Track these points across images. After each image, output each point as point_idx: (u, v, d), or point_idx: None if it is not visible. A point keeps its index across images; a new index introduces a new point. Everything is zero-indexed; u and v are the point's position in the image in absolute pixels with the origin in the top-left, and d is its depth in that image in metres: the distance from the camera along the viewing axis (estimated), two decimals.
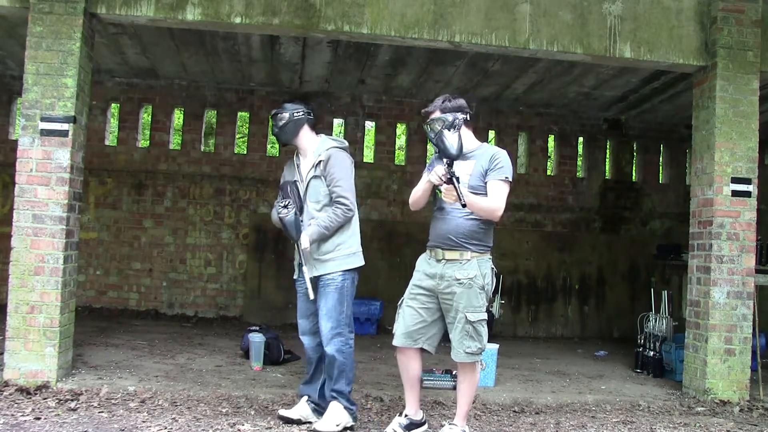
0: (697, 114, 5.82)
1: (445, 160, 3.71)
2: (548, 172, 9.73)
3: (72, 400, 4.38)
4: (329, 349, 4.03)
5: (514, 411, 4.87)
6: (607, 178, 9.78)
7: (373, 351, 6.97)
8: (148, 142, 9.14)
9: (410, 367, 3.98)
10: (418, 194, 3.96)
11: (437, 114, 3.90)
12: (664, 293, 6.75)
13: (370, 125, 10.02)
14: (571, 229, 9.46)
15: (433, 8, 5.33)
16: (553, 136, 9.63)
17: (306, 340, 4.25)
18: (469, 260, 3.81)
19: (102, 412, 4.18)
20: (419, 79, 8.20)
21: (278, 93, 8.89)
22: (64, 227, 4.82)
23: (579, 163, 9.72)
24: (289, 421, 4.13)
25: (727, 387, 5.38)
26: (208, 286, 8.90)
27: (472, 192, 3.76)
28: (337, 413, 4.00)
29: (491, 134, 9.80)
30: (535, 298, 9.31)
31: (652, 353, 6.50)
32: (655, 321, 6.68)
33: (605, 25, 5.52)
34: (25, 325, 4.74)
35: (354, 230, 4.20)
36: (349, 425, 4.02)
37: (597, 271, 9.47)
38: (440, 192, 3.78)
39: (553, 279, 9.36)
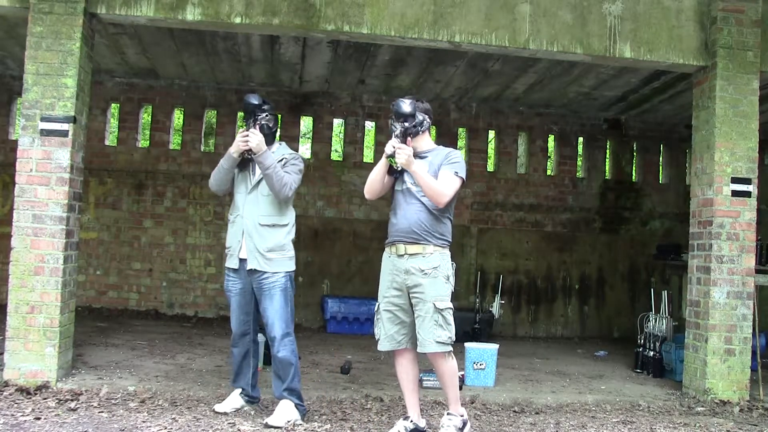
0: (697, 114, 5.82)
1: (397, 125, 3.85)
2: (548, 172, 9.72)
3: (72, 400, 4.38)
4: (283, 351, 4.11)
5: (514, 411, 4.87)
6: (607, 178, 9.77)
7: (373, 351, 6.94)
8: (148, 142, 9.14)
9: (409, 370, 4.00)
10: (372, 177, 4.04)
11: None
12: (664, 293, 6.75)
13: (370, 125, 10.02)
14: (571, 229, 9.46)
15: (433, 8, 5.33)
16: (553, 136, 9.63)
17: (237, 338, 4.31)
18: (431, 253, 3.85)
19: (102, 412, 4.18)
20: (419, 79, 8.19)
21: (278, 93, 8.89)
22: (64, 227, 4.82)
23: (579, 163, 9.72)
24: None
25: (727, 387, 5.38)
26: (208, 286, 8.89)
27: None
28: (287, 410, 4.10)
29: (491, 134, 9.81)
30: (535, 298, 9.31)
31: (652, 353, 6.51)
32: (655, 321, 6.68)
33: (605, 25, 5.52)
34: (25, 325, 4.74)
35: (293, 235, 4.30)
36: (298, 422, 4.10)
37: (597, 271, 9.48)
38: (393, 161, 3.83)
39: (553, 279, 9.37)
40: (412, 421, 3.98)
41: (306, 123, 11.55)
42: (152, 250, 8.83)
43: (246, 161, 4.23)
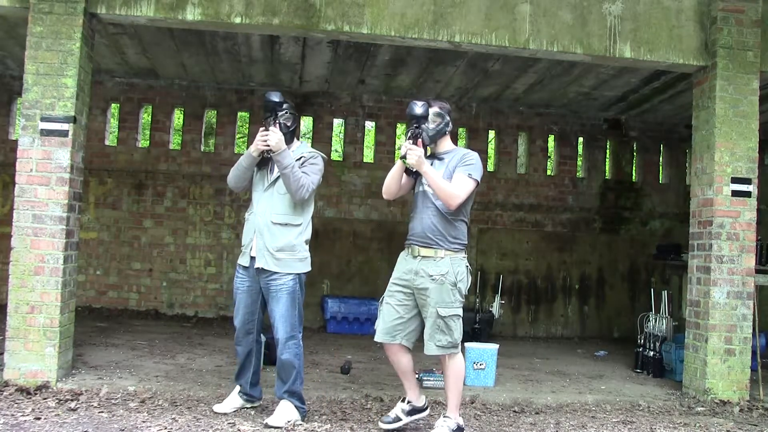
0: (697, 114, 5.82)
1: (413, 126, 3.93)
2: (548, 172, 9.73)
3: (72, 400, 4.38)
4: (286, 354, 4.12)
5: (514, 411, 4.87)
6: (607, 178, 9.77)
7: (373, 351, 6.97)
8: (148, 142, 9.14)
9: (399, 361, 4.09)
10: (388, 177, 4.11)
11: (437, 109, 4.07)
12: (664, 293, 6.75)
13: (370, 125, 10.02)
14: (571, 229, 9.46)
15: (433, 8, 5.33)
16: (553, 136, 9.63)
17: (240, 337, 4.31)
18: (442, 258, 3.92)
19: (102, 412, 4.18)
20: (419, 79, 8.19)
21: None
22: (64, 227, 4.81)
23: (579, 163, 9.72)
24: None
25: (727, 387, 5.38)
26: (208, 286, 8.90)
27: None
28: (287, 411, 4.12)
29: (491, 134, 9.81)
30: (535, 298, 9.31)
31: (652, 353, 6.51)
32: (655, 321, 6.68)
33: (605, 25, 5.52)
34: (25, 325, 4.74)
35: (308, 237, 4.28)
36: (298, 422, 4.12)
37: (597, 271, 9.47)
38: (406, 162, 3.91)
39: (553, 279, 9.37)
40: (408, 402, 4.11)
41: (306, 123, 11.56)
42: (152, 250, 8.83)
43: (265, 160, 4.22)
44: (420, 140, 3.90)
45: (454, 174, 3.95)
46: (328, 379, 5.53)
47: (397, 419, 4.10)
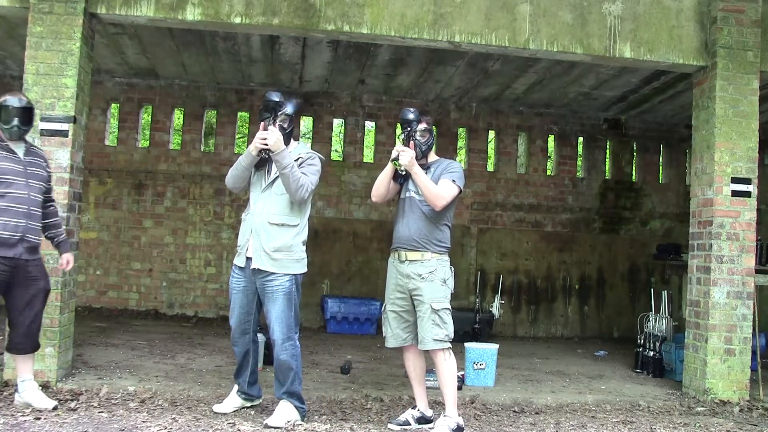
0: (697, 114, 5.82)
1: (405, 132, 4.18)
2: (548, 172, 9.73)
3: (72, 400, 4.38)
4: (283, 355, 4.11)
5: (514, 411, 4.87)
6: (607, 178, 9.77)
7: (373, 351, 6.97)
8: (148, 142, 9.14)
9: (414, 365, 4.31)
10: (378, 180, 4.30)
11: (425, 125, 4.27)
12: (664, 293, 6.76)
13: (370, 125, 10.02)
14: (571, 229, 9.46)
15: (433, 8, 5.33)
16: (553, 136, 9.63)
17: (236, 337, 4.31)
18: (429, 260, 4.14)
19: (102, 412, 4.17)
20: (419, 79, 8.19)
21: None
22: (64, 227, 4.80)
23: (579, 163, 9.72)
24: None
25: (727, 387, 5.38)
26: (208, 286, 8.90)
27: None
28: (287, 411, 4.13)
29: (491, 134, 9.81)
30: (535, 298, 9.31)
31: (652, 353, 6.51)
32: (655, 321, 6.68)
33: (605, 25, 5.52)
34: None
35: (305, 238, 4.30)
36: (298, 422, 4.12)
37: (597, 271, 9.47)
38: (398, 164, 4.12)
39: (553, 279, 9.37)
40: (419, 410, 4.28)
41: (306, 123, 11.56)
42: (152, 250, 8.83)
43: (263, 160, 4.20)
44: (412, 142, 4.12)
45: (439, 180, 4.16)
46: (328, 379, 5.53)
47: (407, 423, 4.23)
